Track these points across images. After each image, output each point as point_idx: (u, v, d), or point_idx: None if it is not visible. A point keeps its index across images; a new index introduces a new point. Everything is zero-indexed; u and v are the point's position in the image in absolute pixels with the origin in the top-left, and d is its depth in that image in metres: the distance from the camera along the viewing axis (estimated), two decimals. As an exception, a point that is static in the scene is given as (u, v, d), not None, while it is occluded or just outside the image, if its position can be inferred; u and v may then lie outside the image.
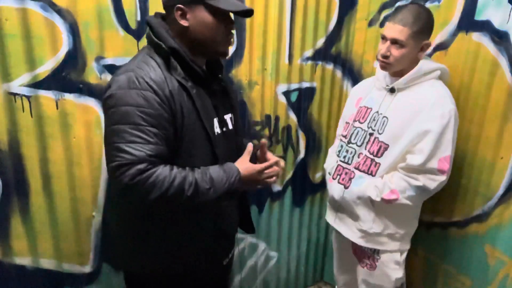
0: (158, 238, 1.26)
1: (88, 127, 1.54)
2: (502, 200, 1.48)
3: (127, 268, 1.38)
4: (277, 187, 2.13)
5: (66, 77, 1.46)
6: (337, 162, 1.72)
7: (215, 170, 1.16)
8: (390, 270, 1.66)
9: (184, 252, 1.28)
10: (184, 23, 1.15)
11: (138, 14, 1.53)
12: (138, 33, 1.55)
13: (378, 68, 1.62)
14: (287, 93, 2.00)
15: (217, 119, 1.27)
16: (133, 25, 1.54)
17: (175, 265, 1.29)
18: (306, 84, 2.04)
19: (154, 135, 1.07)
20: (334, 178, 1.70)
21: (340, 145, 1.74)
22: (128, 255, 1.33)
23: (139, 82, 1.07)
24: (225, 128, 1.31)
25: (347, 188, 1.63)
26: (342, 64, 2.10)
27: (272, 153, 1.35)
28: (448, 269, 1.75)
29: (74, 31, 1.43)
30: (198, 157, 1.19)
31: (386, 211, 1.58)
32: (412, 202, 1.52)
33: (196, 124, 1.16)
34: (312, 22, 1.93)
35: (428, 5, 1.74)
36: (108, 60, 1.52)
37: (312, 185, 2.25)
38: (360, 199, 1.59)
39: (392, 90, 1.57)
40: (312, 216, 2.31)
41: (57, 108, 1.47)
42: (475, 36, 1.53)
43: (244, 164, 1.21)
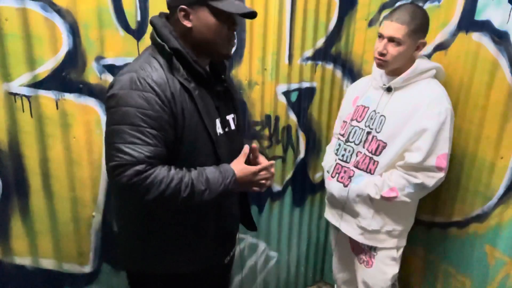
0: (160, 238, 1.26)
1: (88, 127, 1.54)
2: (502, 200, 1.48)
3: (129, 268, 1.38)
4: (277, 187, 2.13)
5: (66, 77, 1.46)
6: (335, 160, 1.73)
7: (211, 171, 1.17)
8: (387, 266, 1.68)
9: (185, 252, 1.28)
10: (187, 24, 1.15)
11: (138, 14, 1.53)
12: (138, 33, 1.55)
13: (375, 67, 1.64)
14: (287, 93, 2.00)
15: (219, 119, 1.27)
16: (133, 25, 1.54)
17: (177, 265, 1.29)
18: (306, 84, 2.04)
19: (153, 136, 1.08)
20: (333, 177, 1.72)
21: (338, 144, 1.76)
22: (130, 255, 1.33)
23: (141, 83, 1.07)
24: (228, 129, 1.32)
25: (346, 186, 1.65)
26: (342, 64, 2.10)
27: (264, 157, 1.35)
28: (448, 269, 1.75)
29: (74, 31, 1.43)
30: (200, 158, 1.19)
31: (384, 208, 1.60)
32: (411, 199, 1.55)
33: (198, 125, 1.17)
34: (312, 22, 1.93)
35: (428, 5, 1.75)
36: (108, 60, 1.52)
37: (312, 185, 2.25)
38: (360, 197, 1.61)
39: (389, 89, 1.58)
40: (312, 216, 2.32)
41: (57, 108, 1.47)
42: (475, 36, 1.53)
43: (240, 165, 1.22)
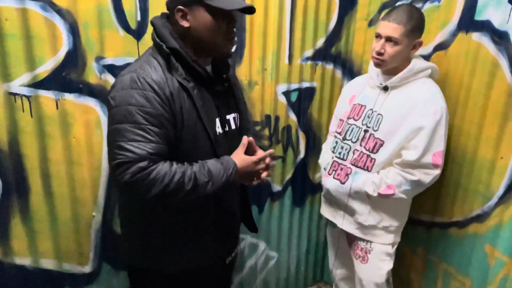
0: (160, 236, 1.27)
1: (88, 127, 1.54)
2: (502, 200, 1.48)
3: (131, 264, 1.39)
4: (277, 187, 2.13)
5: (66, 77, 1.46)
6: (332, 158, 1.76)
7: (213, 163, 1.18)
8: (382, 262, 1.70)
9: (185, 250, 1.29)
10: (185, 24, 1.15)
11: (138, 14, 1.53)
12: (138, 33, 1.55)
13: (371, 66, 1.68)
14: (287, 93, 2.00)
15: (219, 119, 1.27)
16: (133, 25, 1.54)
17: (176, 262, 1.30)
18: (306, 84, 2.04)
19: (155, 134, 1.09)
20: (330, 174, 1.74)
21: (334, 142, 1.78)
22: (131, 252, 1.35)
23: (140, 83, 1.09)
24: (228, 128, 1.32)
25: (344, 183, 1.67)
26: (342, 64, 2.10)
27: (262, 150, 1.34)
28: (448, 269, 1.75)
29: (74, 31, 1.43)
30: (199, 156, 1.19)
31: (381, 204, 1.63)
32: (407, 196, 1.58)
33: (196, 124, 1.17)
34: (312, 22, 1.93)
35: (428, 5, 1.75)
36: (108, 60, 1.52)
37: (312, 185, 2.25)
38: (357, 194, 1.64)
39: (385, 88, 1.61)
40: (312, 216, 2.32)
41: (57, 108, 1.47)
42: (475, 36, 1.53)
43: (240, 156, 1.23)
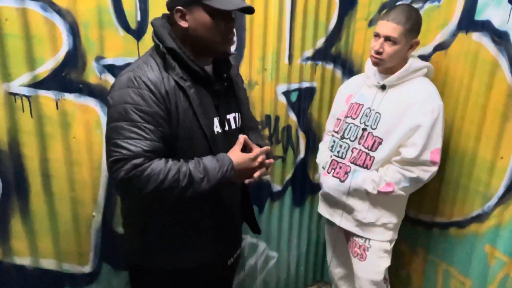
0: (160, 234, 1.28)
1: (88, 127, 1.54)
2: (502, 200, 1.48)
3: (131, 262, 1.40)
4: (277, 187, 2.13)
5: (66, 77, 1.46)
6: (331, 157, 1.76)
7: (208, 160, 1.18)
8: (380, 259, 1.71)
9: (185, 249, 1.29)
10: (183, 24, 1.16)
11: (138, 14, 1.53)
12: (138, 33, 1.55)
13: (368, 66, 1.70)
14: (287, 93, 2.00)
15: (217, 118, 1.27)
16: (133, 25, 1.54)
17: (175, 260, 1.30)
18: (306, 84, 2.04)
19: (150, 131, 1.10)
20: (329, 172, 1.75)
21: (332, 141, 1.79)
22: (132, 249, 1.35)
23: (137, 82, 1.11)
24: (228, 128, 1.32)
25: (343, 181, 1.68)
26: (342, 64, 2.10)
27: (258, 147, 1.34)
28: (448, 269, 1.75)
29: (74, 31, 1.43)
30: (196, 156, 1.19)
31: (379, 201, 1.65)
32: (406, 193, 1.61)
33: (193, 124, 1.18)
34: (312, 22, 1.93)
35: (428, 5, 1.75)
36: (108, 60, 1.52)
37: (312, 185, 2.25)
38: (356, 191, 1.65)
39: (383, 87, 1.62)
40: (312, 216, 2.31)
41: (57, 108, 1.47)
42: (475, 36, 1.53)
43: (236, 153, 1.23)
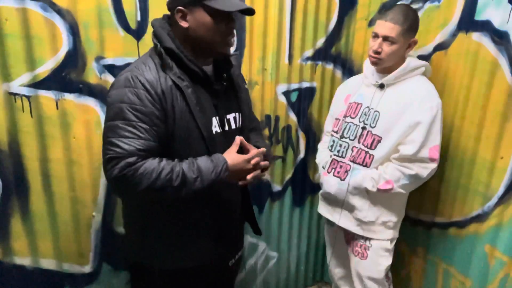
0: (159, 233, 1.28)
1: (88, 127, 1.54)
2: (502, 200, 1.48)
3: (133, 261, 1.40)
4: (277, 187, 2.13)
5: (66, 77, 1.46)
6: (330, 156, 1.77)
7: (203, 160, 1.18)
8: (381, 258, 1.71)
9: (184, 248, 1.29)
10: (184, 24, 1.16)
11: (138, 14, 1.53)
12: (138, 33, 1.55)
13: (366, 65, 1.71)
14: (287, 93, 2.00)
15: (216, 118, 1.27)
16: (133, 25, 1.54)
17: (175, 260, 1.30)
18: (306, 84, 2.04)
19: (145, 130, 1.11)
20: (329, 172, 1.75)
21: (332, 140, 1.80)
22: (132, 249, 1.36)
23: (133, 81, 1.12)
24: (228, 128, 1.32)
25: (343, 180, 1.68)
26: (342, 64, 2.10)
27: (256, 148, 1.33)
28: (448, 269, 1.75)
29: (74, 31, 1.44)
30: (193, 155, 1.19)
31: (379, 199, 1.65)
32: (405, 191, 1.61)
33: (189, 123, 1.18)
34: (312, 22, 1.93)
35: (428, 5, 1.75)
36: (108, 60, 1.52)
37: (312, 185, 2.24)
38: (356, 190, 1.65)
39: (381, 86, 1.64)
40: (312, 216, 2.31)
41: (57, 108, 1.47)
42: (475, 36, 1.53)
43: (231, 154, 1.23)
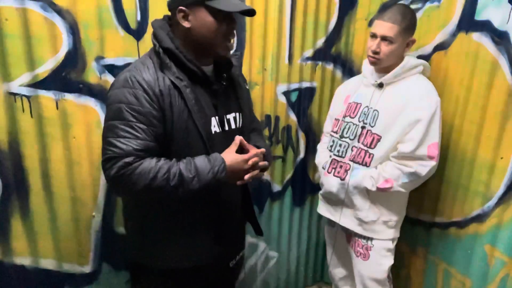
0: (158, 232, 1.28)
1: (88, 127, 1.54)
2: (502, 200, 1.48)
3: (133, 260, 1.40)
4: (277, 187, 2.13)
5: (66, 77, 1.46)
6: (330, 156, 1.77)
7: (200, 159, 1.18)
8: (383, 258, 1.71)
9: (183, 248, 1.30)
10: (186, 24, 1.16)
11: (138, 14, 1.54)
12: (138, 33, 1.55)
13: (365, 66, 1.72)
14: (287, 93, 2.00)
15: (216, 118, 1.27)
16: (133, 25, 1.54)
17: (174, 260, 1.30)
18: (306, 84, 2.04)
19: (142, 131, 1.11)
20: (329, 172, 1.75)
21: (331, 141, 1.80)
22: (132, 248, 1.36)
23: (132, 82, 1.12)
24: (228, 128, 1.32)
25: (343, 179, 1.68)
26: (342, 64, 2.10)
27: (255, 148, 1.33)
28: (448, 269, 1.75)
29: (74, 31, 1.44)
30: (192, 155, 1.19)
31: (380, 199, 1.65)
32: (405, 189, 1.60)
33: (188, 123, 1.18)
34: (312, 22, 1.93)
35: (428, 5, 1.75)
36: (108, 60, 1.53)
37: (312, 185, 2.24)
38: (357, 189, 1.65)
39: (380, 85, 1.64)
40: (312, 216, 2.31)
41: (57, 108, 1.47)
42: (475, 36, 1.53)
43: (230, 154, 1.23)
